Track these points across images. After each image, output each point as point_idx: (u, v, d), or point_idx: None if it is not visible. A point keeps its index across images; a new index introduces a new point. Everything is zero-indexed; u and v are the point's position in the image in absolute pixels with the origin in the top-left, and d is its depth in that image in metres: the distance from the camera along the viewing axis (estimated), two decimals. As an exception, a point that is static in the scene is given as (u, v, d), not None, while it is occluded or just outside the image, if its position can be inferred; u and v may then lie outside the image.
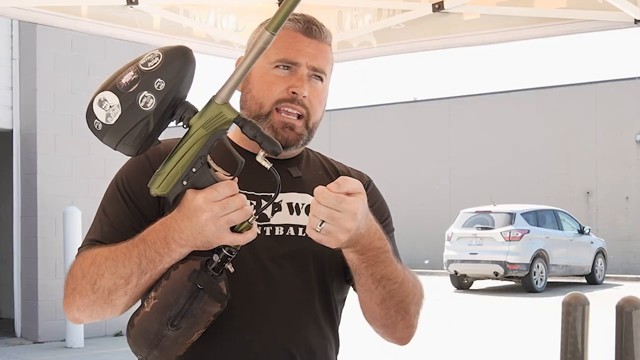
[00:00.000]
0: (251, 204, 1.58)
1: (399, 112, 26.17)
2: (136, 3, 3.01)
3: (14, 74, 9.93)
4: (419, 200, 24.38)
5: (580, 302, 4.33)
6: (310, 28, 1.64)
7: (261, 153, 1.41)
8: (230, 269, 1.42)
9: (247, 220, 1.39)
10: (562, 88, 23.71)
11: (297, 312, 1.59)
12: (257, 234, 1.50)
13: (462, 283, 17.25)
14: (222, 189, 1.37)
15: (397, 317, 1.60)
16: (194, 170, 1.38)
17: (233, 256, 1.42)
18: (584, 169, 22.74)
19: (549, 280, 17.30)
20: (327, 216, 1.38)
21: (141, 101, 1.36)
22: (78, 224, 9.36)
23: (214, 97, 1.39)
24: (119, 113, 1.36)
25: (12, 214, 10.16)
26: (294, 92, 1.60)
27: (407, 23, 3.15)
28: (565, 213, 18.34)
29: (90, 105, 1.40)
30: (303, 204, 1.64)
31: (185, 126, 1.40)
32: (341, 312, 1.72)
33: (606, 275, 19.11)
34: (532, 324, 11.62)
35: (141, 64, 1.38)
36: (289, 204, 1.64)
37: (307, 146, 1.75)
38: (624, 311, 4.14)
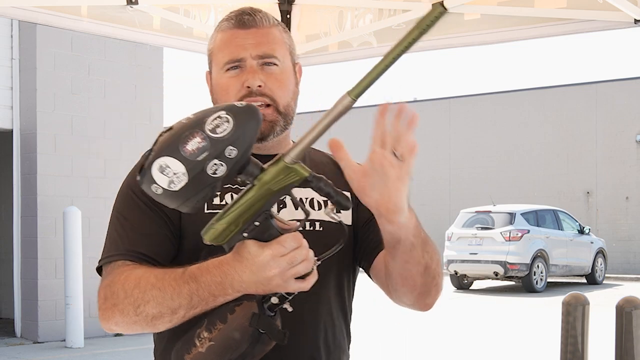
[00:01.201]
0: None
1: (399, 112, 26.13)
2: (136, 3, 3.01)
3: (14, 74, 9.93)
4: (419, 200, 24.37)
5: (580, 302, 4.33)
6: (243, 19, 1.63)
7: (329, 207, 1.37)
8: (288, 308, 1.40)
9: None
10: (562, 88, 23.71)
11: (316, 309, 1.61)
12: None
13: (462, 283, 17.25)
14: (289, 244, 1.33)
15: (432, 283, 1.58)
16: (256, 223, 1.33)
17: (291, 297, 1.39)
18: (584, 169, 22.74)
19: (549, 280, 17.29)
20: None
21: (210, 169, 1.27)
22: (78, 224, 9.36)
23: (283, 155, 1.32)
24: (185, 181, 1.28)
25: (12, 214, 10.16)
26: (248, 87, 1.60)
27: (407, 23, 3.15)
28: (565, 213, 18.33)
29: (149, 169, 1.29)
30: (307, 199, 1.64)
31: (249, 183, 1.33)
32: (352, 304, 1.74)
33: (606, 275, 19.10)
34: (532, 324, 11.62)
35: (209, 130, 1.27)
36: (293, 200, 1.63)
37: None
38: (624, 311, 4.14)
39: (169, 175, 1.27)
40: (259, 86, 1.60)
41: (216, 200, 1.58)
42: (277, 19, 1.70)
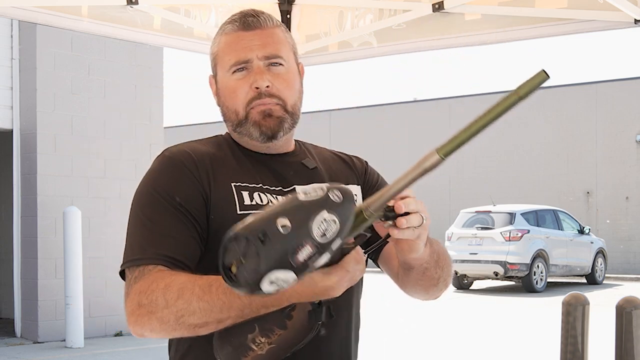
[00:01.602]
0: (280, 195, 1.62)
1: (399, 112, 26.17)
2: (136, 3, 3.01)
3: (14, 74, 9.93)
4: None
5: (580, 302, 4.32)
6: (247, 21, 1.64)
7: (387, 224, 1.38)
8: None
9: None
10: (562, 88, 23.71)
11: (342, 303, 1.61)
12: None
13: (462, 283, 17.25)
14: (352, 266, 1.34)
15: (443, 286, 1.68)
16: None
17: None
18: (584, 169, 22.73)
19: (549, 280, 17.30)
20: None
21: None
22: (78, 224, 9.36)
23: (363, 209, 1.31)
24: (294, 283, 1.26)
25: (12, 214, 10.16)
26: (256, 87, 1.60)
27: (407, 23, 3.15)
28: (565, 213, 18.34)
29: (256, 284, 1.24)
30: None
31: None
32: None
33: (606, 275, 19.10)
34: (532, 324, 11.62)
35: (318, 237, 1.22)
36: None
37: (302, 141, 1.79)
38: (624, 311, 4.14)
39: (279, 283, 1.24)
40: (267, 87, 1.61)
41: (247, 201, 1.58)
42: (279, 20, 1.71)
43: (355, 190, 1.74)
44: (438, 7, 3.05)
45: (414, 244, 1.45)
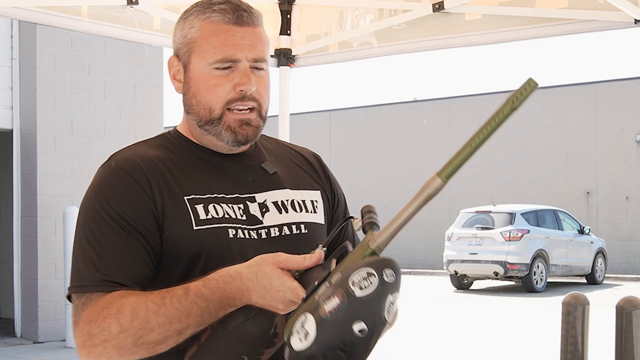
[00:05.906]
0: (237, 204, 1.57)
1: (399, 112, 26.16)
2: (136, 3, 3.02)
3: (14, 74, 9.92)
4: (419, 200, 24.32)
5: (580, 302, 4.32)
6: (241, 16, 1.54)
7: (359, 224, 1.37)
8: None
9: None
10: (562, 88, 23.71)
11: None
12: (254, 238, 1.53)
13: (462, 283, 17.25)
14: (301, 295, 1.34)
15: None
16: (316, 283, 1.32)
17: None
18: (584, 169, 22.73)
19: (549, 280, 17.30)
20: None
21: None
22: (78, 224, 9.35)
23: (369, 241, 1.30)
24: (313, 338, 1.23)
25: (12, 214, 10.16)
26: (241, 90, 1.53)
27: (407, 23, 3.16)
28: (565, 213, 18.34)
29: (288, 340, 1.26)
30: (287, 200, 1.63)
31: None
32: None
33: (606, 275, 19.11)
34: (532, 324, 11.62)
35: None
36: (275, 203, 1.61)
37: None
38: (624, 311, 4.13)
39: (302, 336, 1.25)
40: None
41: (202, 215, 1.51)
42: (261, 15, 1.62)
43: (315, 196, 1.68)
44: (438, 7, 3.05)
45: None
